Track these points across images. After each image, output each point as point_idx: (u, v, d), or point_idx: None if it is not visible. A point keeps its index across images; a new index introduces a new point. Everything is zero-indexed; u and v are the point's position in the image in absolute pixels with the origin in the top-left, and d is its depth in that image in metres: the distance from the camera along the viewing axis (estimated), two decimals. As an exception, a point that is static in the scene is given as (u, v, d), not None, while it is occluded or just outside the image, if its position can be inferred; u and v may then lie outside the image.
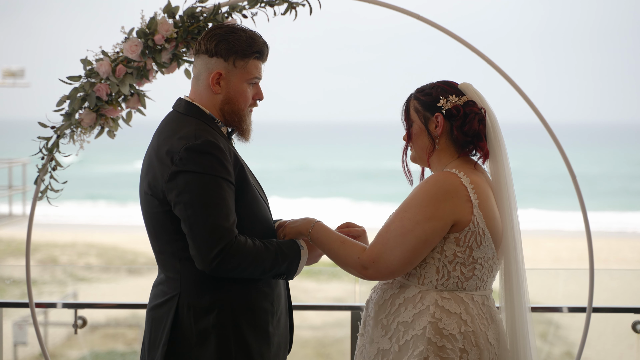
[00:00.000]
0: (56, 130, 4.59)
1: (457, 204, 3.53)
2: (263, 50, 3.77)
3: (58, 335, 9.86)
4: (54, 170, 4.66)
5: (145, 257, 23.40)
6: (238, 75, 3.72)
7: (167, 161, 3.55)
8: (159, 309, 3.69)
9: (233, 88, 3.73)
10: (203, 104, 3.75)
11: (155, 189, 3.61)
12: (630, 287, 7.65)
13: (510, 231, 3.66)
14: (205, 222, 3.47)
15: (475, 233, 3.56)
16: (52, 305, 5.81)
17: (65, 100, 4.56)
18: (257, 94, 3.81)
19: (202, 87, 3.76)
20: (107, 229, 29.95)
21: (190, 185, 3.49)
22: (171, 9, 4.52)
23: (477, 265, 3.60)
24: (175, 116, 3.74)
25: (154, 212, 3.65)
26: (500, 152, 3.68)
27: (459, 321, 3.55)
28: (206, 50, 3.73)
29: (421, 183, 3.65)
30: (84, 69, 4.55)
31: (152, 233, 3.72)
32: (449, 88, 3.70)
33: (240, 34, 3.73)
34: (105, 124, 4.64)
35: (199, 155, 3.51)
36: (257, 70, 3.77)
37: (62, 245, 24.41)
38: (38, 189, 4.68)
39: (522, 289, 3.70)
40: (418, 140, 3.73)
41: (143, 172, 3.73)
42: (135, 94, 4.62)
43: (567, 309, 5.36)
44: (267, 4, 4.59)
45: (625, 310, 5.51)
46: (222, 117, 3.76)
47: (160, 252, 3.70)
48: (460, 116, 3.65)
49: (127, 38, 4.53)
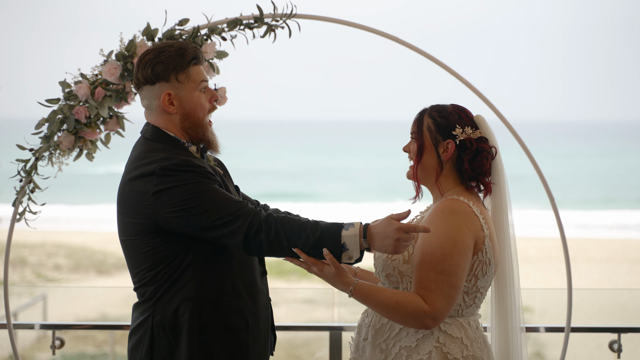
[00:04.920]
0: (35, 152, 4.57)
1: (475, 228, 3.55)
2: (197, 54, 3.68)
3: (27, 337, 9.81)
4: (32, 192, 4.63)
5: (115, 257, 23.28)
6: (186, 89, 3.65)
7: (142, 184, 3.52)
8: (133, 334, 3.71)
9: (187, 102, 3.65)
10: (166, 128, 3.68)
11: (136, 216, 3.58)
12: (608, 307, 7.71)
13: (507, 260, 3.71)
14: (213, 208, 3.46)
15: (483, 262, 3.58)
16: (30, 327, 5.76)
17: (44, 123, 4.54)
18: (211, 97, 3.74)
19: (157, 113, 3.68)
20: (76, 229, 29.78)
21: (178, 196, 3.47)
22: (150, 31, 4.51)
23: (478, 294, 3.64)
24: (143, 143, 3.69)
25: (131, 239, 3.63)
26: (504, 190, 3.72)
27: (460, 346, 3.58)
28: (146, 80, 3.65)
29: (434, 213, 3.60)
30: (63, 91, 4.53)
31: (129, 260, 3.69)
32: (466, 118, 3.70)
33: (169, 50, 3.64)
34: (84, 146, 4.62)
35: (175, 172, 3.49)
36: (201, 75, 3.69)
37: (30, 246, 24.23)
38: (16, 211, 4.65)
39: (517, 310, 3.76)
40: (425, 158, 3.71)
41: (119, 203, 3.68)
42: (114, 117, 4.61)
43: (545, 328, 5.42)
44: (246, 26, 4.60)
45: (603, 330, 5.55)
46: (186, 136, 3.70)
47: (137, 279, 3.69)
48: (472, 150, 3.66)
49: (105, 61, 4.51)
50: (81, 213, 34.50)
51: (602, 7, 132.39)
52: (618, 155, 58.35)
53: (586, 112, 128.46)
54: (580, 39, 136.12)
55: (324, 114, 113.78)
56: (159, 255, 3.59)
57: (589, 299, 9.30)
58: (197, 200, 3.47)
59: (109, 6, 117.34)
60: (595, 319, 9.49)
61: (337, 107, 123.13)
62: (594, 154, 59.36)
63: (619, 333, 5.41)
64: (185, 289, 3.60)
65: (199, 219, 3.47)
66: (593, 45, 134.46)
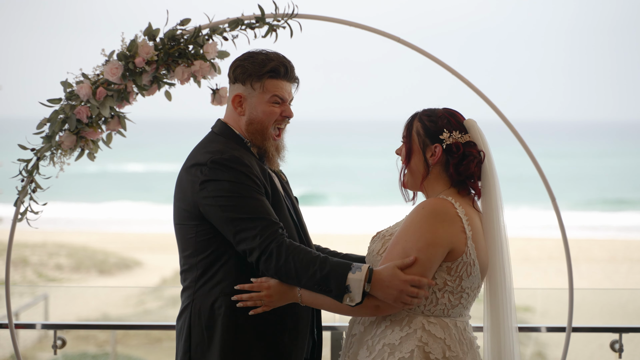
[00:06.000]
0: (36, 152, 4.57)
1: (453, 232, 3.58)
2: (278, 69, 3.84)
3: (29, 336, 9.81)
4: (34, 192, 4.63)
5: (116, 257, 23.30)
6: (257, 97, 3.84)
7: (194, 172, 3.70)
8: (178, 320, 3.86)
9: (255, 108, 3.84)
10: (233, 126, 3.88)
11: (185, 202, 3.74)
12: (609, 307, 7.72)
13: (499, 260, 3.71)
14: (243, 212, 3.59)
15: (467, 264, 3.61)
16: (31, 327, 5.77)
17: (46, 123, 4.54)
18: (283, 112, 3.90)
19: (230, 110, 3.91)
20: (77, 228, 29.76)
21: (221, 191, 3.63)
22: (152, 31, 4.51)
23: (464, 294, 3.65)
24: (209, 136, 3.91)
25: (180, 224, 3.80)
26: (495, 193, 3.72)
27: (443, 346, 3.60)
28: (229, 79, 3.90)
29: (416, 208, 3.66)
30: (64, 91, 4.53)
31: (178, 244, 3.85)
32: (455, 122, 3.72)
33: (257, 57, 3.85)
34: (86, 146, 4.62)
35: (225, 167, 3.65)
36: (277, 89, 3.85)
37: (32, 246, 24.23)
38: (17, 211, 4.65)
39: (511, 309, 3.76)
40: (412, 161, 3.75)
41: (176, 188, 3.84)
42: (115, 116, 4.61)
43: (546, 328, 5.41)
44: (247, 26, 4.59)
45: (604, 330, 5.56)
46: (249, 138, 3.87)
47: (182, 263, 3.84)
48: (458, 155, 3.68)
49: (107, 61, 4.51)
50: (81, 213, 34.49)
51: (603, 7, 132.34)
52: (618, 155, 58.28)
53: (587, 112, 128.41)
54: (581, 39, 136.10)
55: (326, 114, 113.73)
56: (201, 243, 3.74)
57: (590, 299, 9.32)
58: (233, 201, 3.62)
59: (108, 6, 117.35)
60: (597, 319, 9.49)
61: (338, 107, 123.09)
62: (594, 153, 59.30)
63: (620, 333, 5.41)
64: (224, 283, 3.71)
65: (228, 222, 3.62)
66: (594, 45, 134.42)
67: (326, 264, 3.52)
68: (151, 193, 39.97)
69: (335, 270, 3.50)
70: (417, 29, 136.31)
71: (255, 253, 3.57)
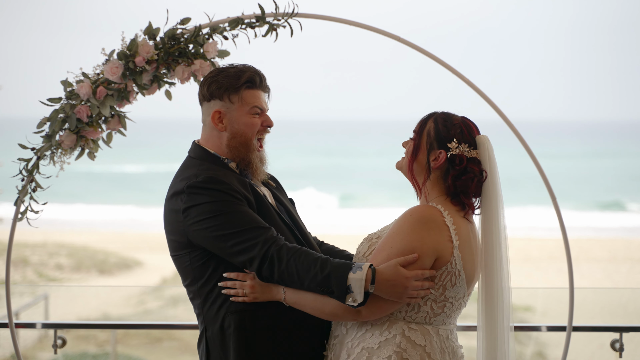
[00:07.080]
0: (36, 151, 4.57)
1: (439, 240, 3.56)
2: (253, 79, 3.84)
3: (29, 336, 9.81)
4: (34, 191, 4.63)
5: (116, 257, 23.31)
6: (237, 110, 3.83)
7: (175, 202, 3.71)
8: (198, 346, 3.90)
9: (236, 121, 3.84)
10: (209, 145, 3.88)
11: (173, 233, 3.77)
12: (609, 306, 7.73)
13: (497, 263, 3.70)
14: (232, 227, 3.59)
15: (451, 274, 3.59)
16: (31, 326, 5.77)
17: (46, 122, 4.54)
18: (263, 121, 3.89)
19: (209, 129, 3.89)
20: (78, 228, 29.77)
21: (203, 214, 3.62)
22: (152, 30, 4.51)
23: (448, 303, 3.63)
24: (185, 161, 3.91)
25: (175, 255, 3.82)
26: (497, 209, 3.70)
27: (422, 353, 3.58)
28: (203, 97, 3.88)
29: (404, 215, 3.64)
30: (64, 90, 4.53)
31: (179, 274, 3.87)
32: (467, 134, 3.70)
33: (228, 71, 3.84)
34: (86, 145, 4.62)
35: (202, 189, 3.64)
36: (255, 100, 3.85)
37: (32, 245, 24.23)
38: (18, 210, 4.64)
39: (505, 308, 3.74)
40: (417, 157, 3.73)
41: (164, 220, 3.85)
42: (115, 116, 4.61)
43: (547, 328, 5.41)
44: (247, 25, 4.59)
45: (604, 329, 5.56)
46: (230, 154, 3.86)
47: (187, 292, 3.87)
48: (460, 168, 3.66)
49: (107, 60, 4.51)
50: (81, 213, 34.50)
51: (603, 7, 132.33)
52: (618, 155, 58.27)
53: (588, 112, 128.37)
54: (582, 39, 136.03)
55: (327, 114, 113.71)
56: (197, 270, 3.75)
57: (591, 298, 9.32)
58: (219, 220, 3.61)
59: (108, 6, 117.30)
60: (597, 318, 9.49)
61: (339, 107, 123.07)
62: (594, 153, 59.28)
63: (620, 332, 5.42)
64: (227, 303, 3.72)
65: (220, 240, 3.61)
66: (594, 45, 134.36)
67: (327, 265, 3.51)
68: (151, 193, 39.96)
69: (336, 271, 3.50)
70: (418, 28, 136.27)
71: (256, 261, 3.57)
